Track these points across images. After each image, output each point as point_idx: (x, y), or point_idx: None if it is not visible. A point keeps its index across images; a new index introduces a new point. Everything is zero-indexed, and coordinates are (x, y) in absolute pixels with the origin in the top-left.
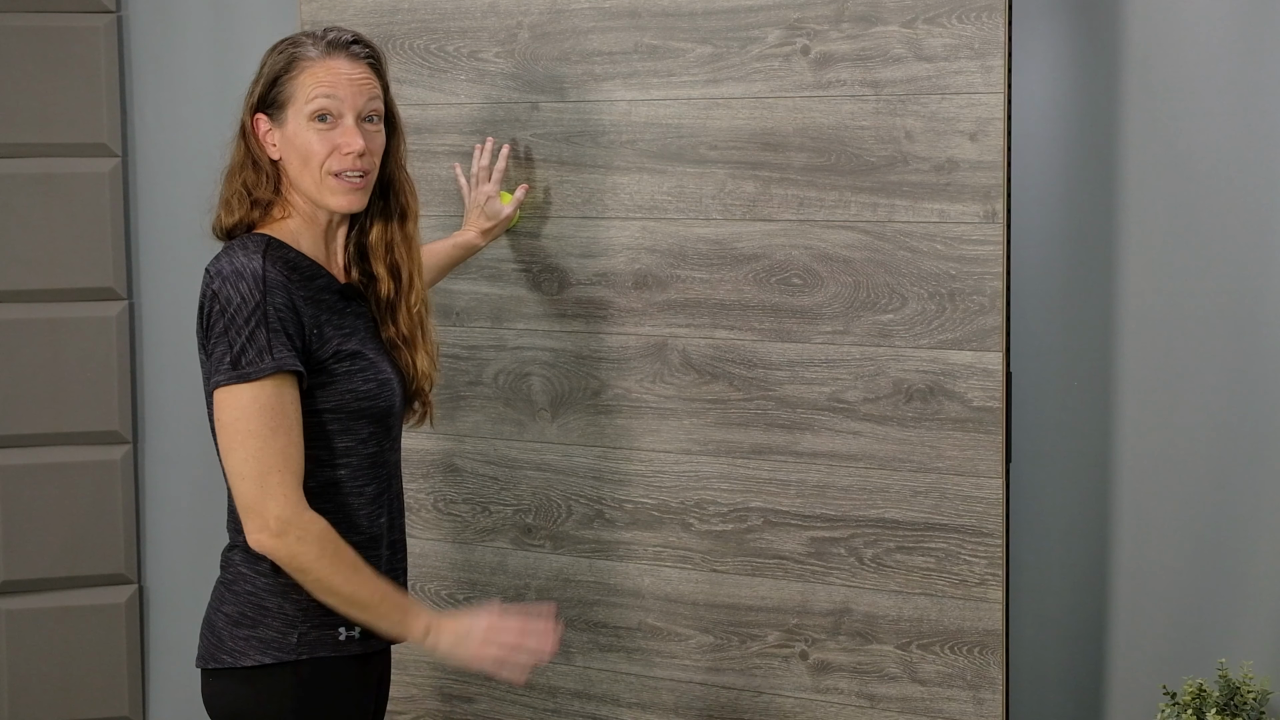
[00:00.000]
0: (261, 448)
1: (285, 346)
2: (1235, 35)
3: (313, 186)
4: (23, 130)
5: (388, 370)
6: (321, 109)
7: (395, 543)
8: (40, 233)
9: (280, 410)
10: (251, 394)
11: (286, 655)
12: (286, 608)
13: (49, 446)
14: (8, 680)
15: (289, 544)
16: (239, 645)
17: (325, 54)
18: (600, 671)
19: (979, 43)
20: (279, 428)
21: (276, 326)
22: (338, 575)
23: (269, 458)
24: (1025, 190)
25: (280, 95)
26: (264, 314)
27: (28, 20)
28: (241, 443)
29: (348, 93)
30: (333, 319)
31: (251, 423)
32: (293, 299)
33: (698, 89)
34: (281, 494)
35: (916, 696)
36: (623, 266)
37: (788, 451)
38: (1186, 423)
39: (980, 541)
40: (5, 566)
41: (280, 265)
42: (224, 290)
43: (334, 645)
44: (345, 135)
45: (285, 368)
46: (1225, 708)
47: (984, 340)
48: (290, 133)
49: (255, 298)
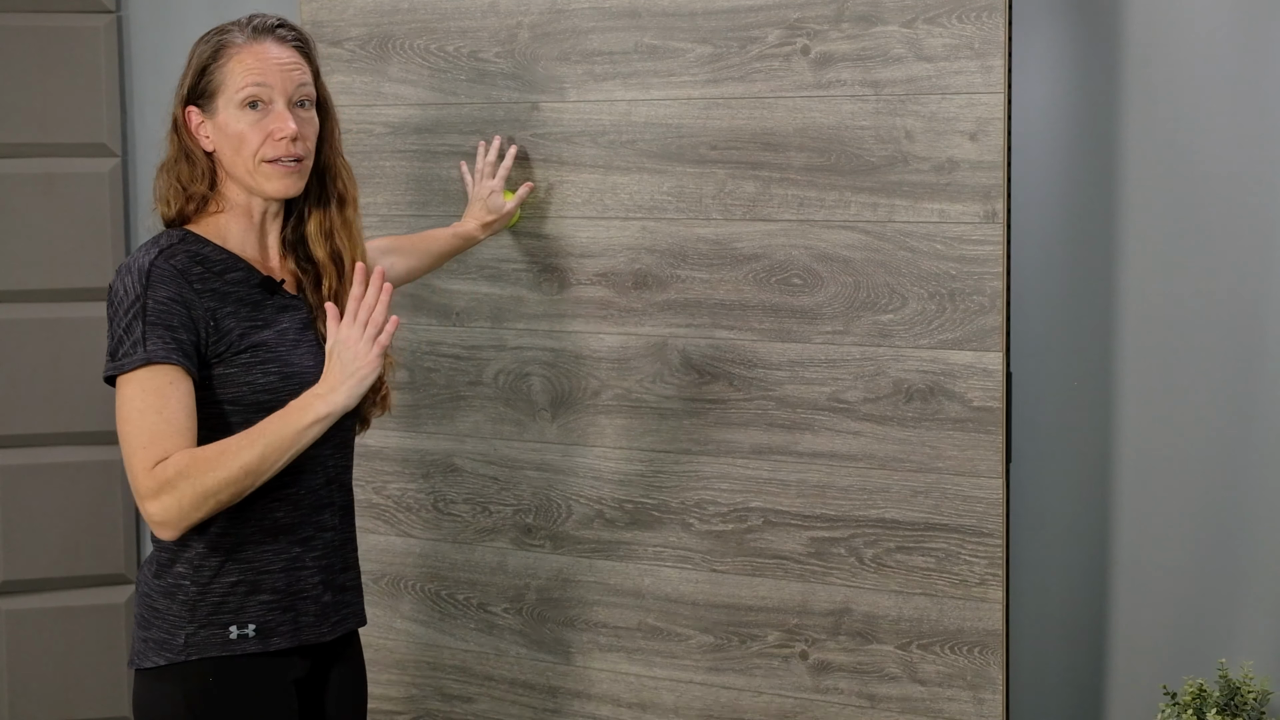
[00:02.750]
0: (132, 432)
1: (161, 339)
2: (1235, 35)
3: (247, 175)
4: (23, 130)
5: (300, 364)
6: (252, 96)
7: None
8: (40, 233)
9: (149, 396)
10: (125, 386)
11: (176, 656)
12: (173, 608)
13: (49, 446)
14: (8, 680)
15: (167, 499)
16: (140, 647)
17: (251, 39)
18: (600, 671)
19: (979, 43)
20: (147, 409)
21: (154, 320)
22: (218, 472)
23: (136, 439)
24: (1025, 190)
25: (209, 85)
26: (142, 307)
27: (28, 20)
28: (122, 434)
29: (277, 78)
30: (240, 310)
31: (126, 411)
32: (182, 292)
33: (698, 89)
34: (135, 474)
35: (916, 696)
36: (623, 266)
37: (788, 451)
38: (1186, 423)
39: (980, 541)
40: (5, 566)
41: (181, 259)
42: (115, 284)
43: (224, 644)
44: (277, 120)
45: (155, 359)
46: (1225, 708)
47: (984, 340)
48: (221, 122)
49: (136, 291)
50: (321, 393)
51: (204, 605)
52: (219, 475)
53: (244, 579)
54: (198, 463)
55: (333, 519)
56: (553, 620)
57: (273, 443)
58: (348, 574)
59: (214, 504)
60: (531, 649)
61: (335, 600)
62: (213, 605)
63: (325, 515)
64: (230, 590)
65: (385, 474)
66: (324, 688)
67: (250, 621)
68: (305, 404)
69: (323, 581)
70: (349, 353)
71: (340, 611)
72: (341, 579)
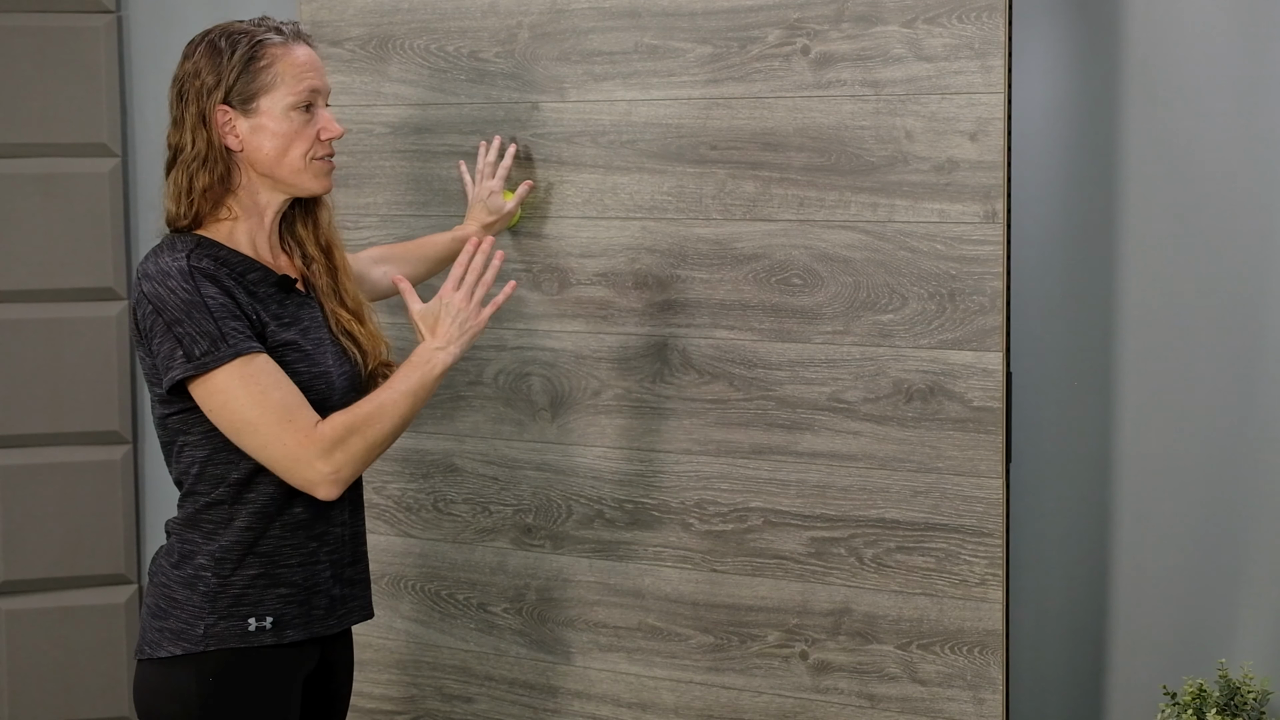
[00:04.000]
0: (259, 416)
1: (237, 330)
2: (1235, 35)
3: (292, 174)
4: (23, 130)
5: (325, 363)
6: (308, 100)
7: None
8: (40, 233)
9: (255, 382)
10: (218, 381)
11: (194, 646)
12: (194, 599)
13: (49, 446)
14: (8, 680)
15: (339, 456)
16: (154, 636)
17: (291, 42)
18: (600, 671)
19: (979, 43)
20: (264, 390)
21: (221, 314)
22: (383, 424)
23: (271, 417)
24: (1025, 190)
25: (251, 85)
26: (204, 304)
27: (28, 20)
28: (244, 423)
29: (322, 81)
30: (269, 308)
31: (239, 403)
32: (227, 288)
33: (698, 89)
34: (297, 441)
35: (916, 696)
36: (623, 266)
37: (788, 451)
38: (1186, 423)
39: (980, 541)
40: (5, 566)
41: (208, 262)
42: (154, 290)
43: (243, 637)
44: (325, 122)
45: (242, 351)
46: (1225, 708)
47: (984, 340)
48: (263, 123)
49: (188, 290)
50: (439, 346)
51: (225, 597)
52: (383, 428)
53: (264, 572)
54: (360, 419)
55: (343, 513)
56: (553, 620)
57: (417, 393)
58: (355, 567)
59: (375, 456)
60: (531, 649)
61: (344, 593)
62: (233, 597)
63: (337, 510)
64: (251, 583)
65: (385, 474)
66: (323, 679)
67: (268, 614)
68: (427, 357)
69: (333, 575)
70: (460, 313)
71: (348, 604)
72: (349, 572)
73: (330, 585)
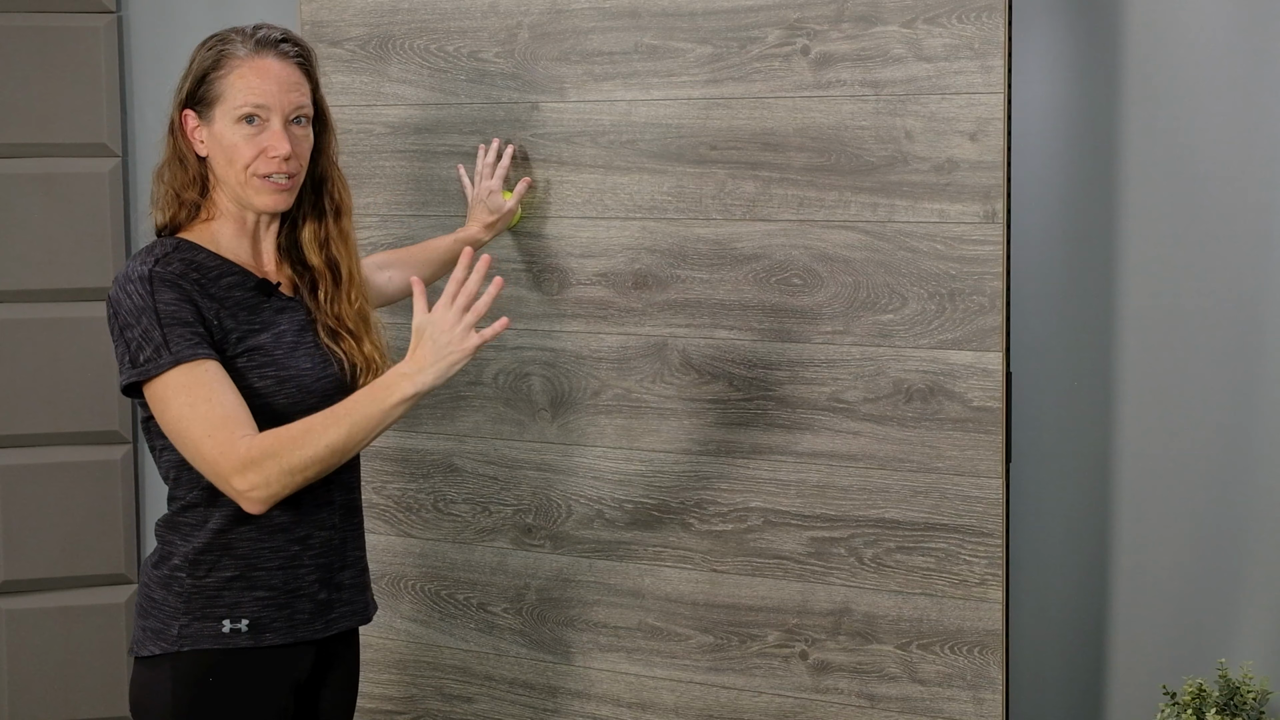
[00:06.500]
0: (189, 427)
1: (182, 337)
2: (1235, 35)
3: (238, 186)
4: (23, 130)
5: (297, 367)
6: (249, 112)
7: (311, 539)
8: (40, 233)
9: (193, 391)
10: (159, 389)
11: (170, 646)
12: (170, 599)
13: (49, 446)
14: (8, 680)
15: (253, 476)
16: (139, 635)
17: (254, 53)
18: (600, 671)
19: (979, 43)
20: (196, 402)
21: (170, 320)
22: (304, 450)
23: (199, 429)
24: (1025, 190)
25: (208, 93)
26: (155, 311)
27: (28, 20)
28: (178, 433)
29: (276, 95)
30: (239, 314)
31: (174, 412)
32: (189, 295)
33: (698, 89)
34: (219, 452)
35: (916, 696)
36: (623, 266)
37: (788, 451)
38: (1186, 423)
39: (980, 541)
40: (5, 566)
41: (177, 266)
42: (117, 295)
43: (216, 638)
44: (272, 139)
45: (183, 359)
46: (1225, 708)
47: (984, 340)
48: (217, 132)
49: (142, 296)
50: (409, 372)
51: (199, 598)
52: (305, 454)
53: (240, 574)
54: (283, 442)
55: (332, 518)
56: (553, 620)
57: (359, 422)
58: (347, 573)
59: (300, 480)
60: (531, 649)
61: (331, 598)
62: (207, 598)
63: (324, 514)
64: (226, 585)
65: (385, 474)
66: (319, 687)
67: (244, 616)
68: (391, 383)
69: (319, 580)
70: (444, 336)
71: (336, 609)
72: (340, 577)
73: (316, 589)
